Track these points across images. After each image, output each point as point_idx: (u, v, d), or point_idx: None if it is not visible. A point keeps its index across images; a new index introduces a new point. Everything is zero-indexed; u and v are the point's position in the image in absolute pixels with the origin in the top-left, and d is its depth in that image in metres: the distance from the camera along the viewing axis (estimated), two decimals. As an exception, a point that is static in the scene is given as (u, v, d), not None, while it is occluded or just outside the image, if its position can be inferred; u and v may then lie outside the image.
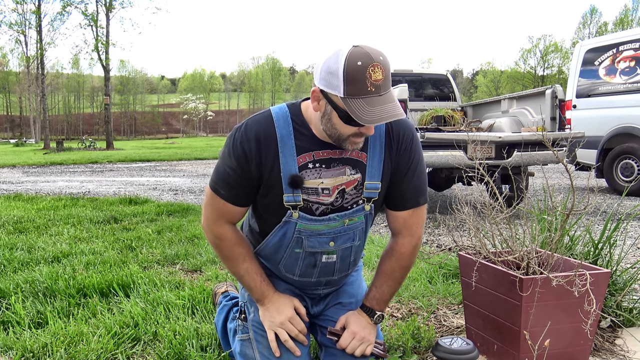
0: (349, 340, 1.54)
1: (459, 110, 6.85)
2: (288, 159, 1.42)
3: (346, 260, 1.59)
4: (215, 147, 31.52)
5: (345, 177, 1.47)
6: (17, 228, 4.29)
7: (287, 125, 1.44)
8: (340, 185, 1.47)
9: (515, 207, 1.92)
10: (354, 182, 1.48)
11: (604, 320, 2.00)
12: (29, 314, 2.22)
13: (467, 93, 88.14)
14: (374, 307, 1.59)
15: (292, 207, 1.46)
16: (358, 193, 1.49)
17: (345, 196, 1.48)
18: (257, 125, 1.44)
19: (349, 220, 1.51)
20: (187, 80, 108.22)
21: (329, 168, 1.45)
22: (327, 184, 1.46)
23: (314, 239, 1.51)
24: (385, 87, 1.27)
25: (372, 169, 1.48)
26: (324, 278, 1.60)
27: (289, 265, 1.57)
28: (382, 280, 1.59)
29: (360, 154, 1.47)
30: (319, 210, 1.48)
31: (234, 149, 1.43)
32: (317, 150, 1.44)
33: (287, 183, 1.43)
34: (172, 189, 8.11)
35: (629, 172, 6.87)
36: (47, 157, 18.02)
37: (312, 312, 1.68)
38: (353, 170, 1.47)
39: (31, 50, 42.60)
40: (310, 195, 1.46)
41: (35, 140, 54.18)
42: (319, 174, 1.45)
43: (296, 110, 1.47)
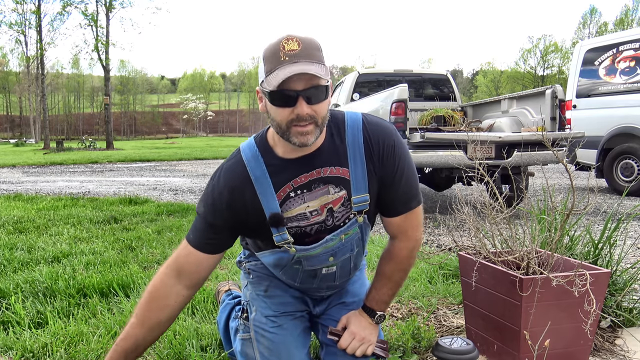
0: (349, 341, 1.54)
1: (459, 110, 6.85)
2: (268, 199, 1.40)
3: (346, 268, 1.60)
4: (215, 147, 31.53)
5: (330, 195, 1.43)
6: (17, 228, 4.29)
7: (259, 164, 1.40)
8: (327, 204, 1.44)
9: (515, 207, 1.92)
10: (340, 200, 1.44)
11: (604, 320, 2.00)
12: (29, 314, 2.22)
13: (467, 93, 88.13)
14: (374, 307, 1.58)
15: (285, 244, 1.45)
16: (347, 209, 1.46)
17: (335, 214, 1.45)
18: (231, 174, 1.41)
19: (345, 235, 1.49)
20: (187, 80, 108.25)
21: (311, 190, 1.42)
22: (313, 206, 1.43)
23: (313, 259, 1.51)
24: (302, 57, 1.24)
25: (357, 182, 1.43)
26: (325, 284, 1.61)
27: (290, 275, 1.57)
28: (382, 282, 1.58)
29: (341, 170, 1.42)
30: (313, 229, 1.46)
31: (210, 199, 1.42)
32: (294, 179, 1.40)
33: (270, 223, 1.41)
34: (172, 189, 8.11)
35: (629, 172, 6.87)
36: (47, 157, 18.01)
37: (315, 311, 1.68)
38: (337, 187, 1.43)
39: (31, 50, 42.59)
40: (301, 221, 1.44)
41: (35, 140, 54.17)
42: (303, 199, 1.42)
43: (263, 142, 1.43)
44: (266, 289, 1.63)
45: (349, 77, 7.90)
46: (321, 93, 1.29)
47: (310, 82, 1.26)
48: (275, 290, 1.63)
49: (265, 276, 1.66)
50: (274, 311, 1.59)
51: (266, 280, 1.65)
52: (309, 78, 1.25)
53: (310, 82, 1.26)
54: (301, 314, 1.64)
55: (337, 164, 1.42)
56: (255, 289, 1.66)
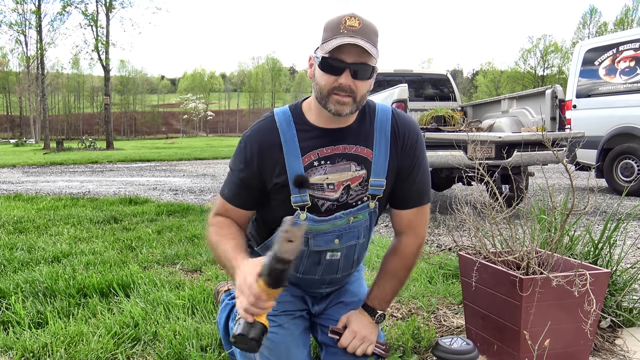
0: (350, 340, 1.54)
1: (459, 110, 6.84)
2: (293, 161, 1.45)
3: (350, 258, 1.60)
4: (215, 147, 31.53)
5: (350, 172, 1.49)
6: (17, 228, 4.29)
7: (290, 128, 1.47)
8: (346, 181, 1.49)
9: (515, 207, 1.92)
10: (359, 178, 1.50)
11: (604, 320, 2.00)
12: (29, 314, 2.22)
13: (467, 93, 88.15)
14: (375, 306, 1.59)
15: (300, 208, 1.47)
16: (363, 189, 1.51)
17: (350, 192, 1.50)
18: (261, 131, 1.48)
19: (354, 217, 1.52)
20: (187, 80, 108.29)
21: (334, 164, 1.47)
22: (332, 179, 1.48)
23: (319, 238, 1.52)
24: (359, 33, 1.32)
25: (378, 165, 1.49)
26: (327, 276, 1.61)
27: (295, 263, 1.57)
28: (385, 279, 1.59)
29: (365, 150, 1.49)
30: (324, 206, 1.49)
31: (240, 154, 1.49)
32: (321, 148, 1.46)
33: (292, 184, 1.45)
34: (172, 189, 8.11)
35: (629, 172, 6.87)
36: (47, 157, 18.01)
37: (314, 311, 1.68)
38: (358, 166, 1.49)
39: (31, 50, 42.60)
40: (316, 191, 1.48)
41: (35, 140, 54.16)
42: (325, 171, 1.47)
43: (297, 110, 1.51)
44: None
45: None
46: (366, 71, 1.37)
47: (359, 58, 1.34)
48: None
49: None
50: (273, 310, 1.59)
51: None
52: (359, 54, 1.33)
53: (360, 57, 1.34)
54: (301, 313, 1.63)
55: (363, 144, 1.49)
56: None
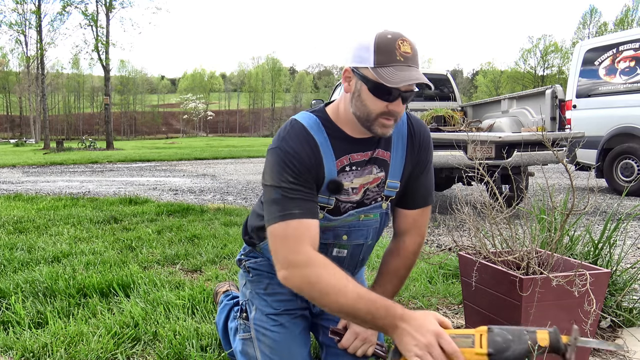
0: (352, 340, 1.53)
1: (459, 110, 6.84)
2: (330, 163, 1.43)
3: (355, 258, 1.60)
4: (215, 147, 31.53)
5: (372, 175, 1.50)
6: (17, 228, 4.29)
7: (321, 131, 1.44)
8: (367, 184, 1.50)
9: (515, 207, 1.92)
10: (377, 180, 1.51)
11: (604, 320, 2.00)
12: (29, 314, 2.22)
13: (467, 93, 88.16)
14: None
15: (320, 208, 1.47)
16: (379, 190, 1.53)
17: (367, 193, 1.52)
18: (297, 137, 1.40)
19: (364, 215, 1.53)
20: (187, 80, 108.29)
21: (360, 168, 1.48)
22: (356, 183, 1.49)
23: (329, 232, 1.53)
24: (413, 61, 1.31)
25: (394, 168, 1.52)
26: None
27: None
28: (386, 279, 1.59)
29: (385, 153, 1.50)
30: (345, 208, 1.51)
31: (284, 167, 1.36)
32: (352, 153, 1.46)
33: (326, 187, 1.44)
34: (172, 189, 8.11)
35: (629, 172, 6.87)
36: (47, 157, 18.01)
37: (315, 310, 1.68)
38: (379, 169, 1.51)
39: (31, 50, 42.64)
40: (342, 195, 1.49)
41: (35, 140, 54.17)
42: (353, 176, 1.48)
43: (323, 114, 1.47)
44: (266, 287, 1.63)
45: (349, 77, 7.89)
46: (413, 96, 1.39)
47: (411, 86, 1.35)
48: (275, 288, 1.62)
49: (265, 274, 1.65)
50: (274, 309, 1.59)
51: (266, 278, 1.65)
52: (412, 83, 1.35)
53: (411, 86, 1.34)
54: (302, 312, 1.63)
55: (383, 147, 1.50)
56: (255, 287, 1.66)
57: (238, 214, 5.00)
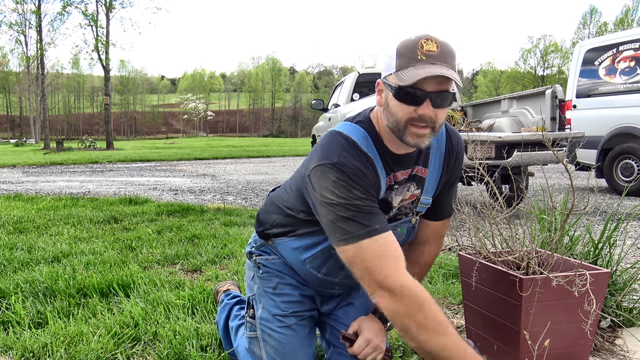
0: (363, 347, 1.50)
1: (459, 110, 6.84)
2: (383, 180, 1.38)
3: None
4: (215, 147, 31.52)
5: (409, 192, 1.48)
6: (17, 228, 4.29)
7: (371, 147, 1.36)
8: (404, 201, 1.48)
9: (515, 207, 1.92)
10: (413, 197, 1.49)
11: (604, 320, 2.00)
12: (29, 314, 2.22)
13: (467, 93, 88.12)
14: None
15: None
16: (412, 207, 1.51)
17: (401, 209, 1.50)
18: (354, 152, 1.31)
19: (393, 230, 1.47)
20: (187, 80, 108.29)
21: (400, 186, 1.46)
22: (396, 201, 1.47)
23: None
24: (438, 59, 1.21)
25: (429, 185, 1.50)
26: (346, 281, 1.56)
27: (317, 263, 1.53)
28: None
29: (423, 170, 1.47)
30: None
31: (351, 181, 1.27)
32: (396, 172, 1.42)
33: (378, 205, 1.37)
34: (172, 189, 8.11)
35: (629, 172, 6.87)
36: (47, 157, 18.01)
37: (323, 310, 1.67)
38: (416, 186, 1.48)
39: (31, 50, 42.60)
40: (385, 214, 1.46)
41: (35, 140, 54.14)
42: (395, 194, 1.45)
43: (370, 126, 1.38)
44: (275, 286, 1.60)
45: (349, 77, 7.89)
46: (447, 99, 1.27)
47: (440, 86, 1.24)
48: (284, 288, 1.59)
49: (275, 272, 1.61)
50: (282, 310, 1.57)
51: (276, 277, 1.61)
52: (440, 81, 1.24)
53: (441, 85, 1.24)
54: (310, 313, 1.62)
55: (422, 164, 1.47)
56: (264, 284, 1.62)
57: (238, 214, 5.00)
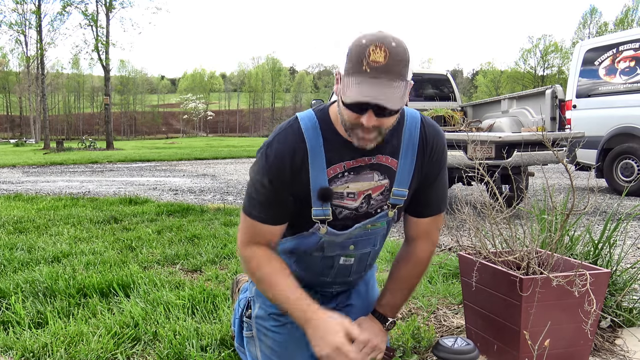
0: (361, 348, 1.49)
1: (459, 110, 6.84)
2: (318, 172, 1.38)
3: (363, 263, 1.59)
4: (215, 147, 31.51)
5: (373, 182, 1.44)
6: (17, 228, 4.29)
7: (317, 136, 1.38)
8: (367, 191, 1.44)
9: (515, 207, 1.92)
10: (380, 188, 1.45)
11: (604, 320, 2.00)
12: (29, 314, 2.22)
13: (467, 93, 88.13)
14: (386, 313, 1.57)
15: (320, 221, 1.44)
16: (384, 199, 1.47)
17: (371, 202, 1.46)
18: (286, 140, 1.37)
19: (372, 225, 1.49)
20: (187, 80, 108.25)
21: (358, 174, 1.43)
22: (353, 188, 1.43)
23: (335, 245, 1.50)
24: (383, 71, 1.18)
25: (402, 176, 1.45)
26: (339, 279, 1.59)
27: (306, 264, 1.56)
28: (397, 286, 1.57)
29: (390, 160, 1.44)
30: (342, 214, 1.45)
31: (264, 166, 1.38)
32: (348, 161, 1.40)
33: (316, 197, 1.40)
34: (172, 189, 8.11)
35: (629, 172, 6.87)
36: (47, 157, 18.01)
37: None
38: (381, 175, 1.44)
39: (31, 50, 42.62)
40: (335, 199, 1.43)
41: (35, 140, 54.13)
42: (347, 181, 1.42)
43: (324, 116, 1.41)
44: None
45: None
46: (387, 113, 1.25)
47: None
48: None
49: None
50: (277, 309, 1.57)
51: None
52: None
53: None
54: None
55: (389, 154, 1.43)
56: None
57: (238, 214, 4.99)
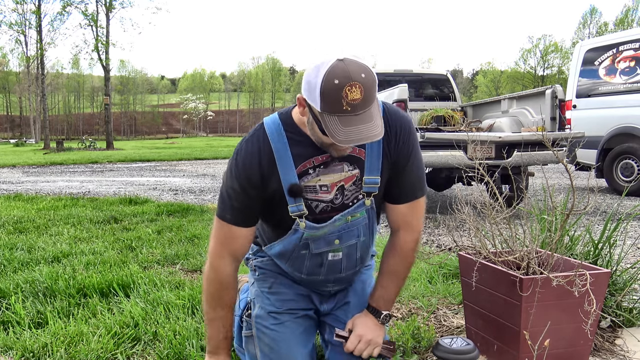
0: (355, 344, 1.53)
1: (459, 110, 6.84)
2: (287, 171, 1.43)
3: (352, 257, 1.60)
4: (215, 147, 31.51)
5: (343, 173, 1.48)
6: (17, 228, 4.29)
7: (281, 137, 1.44)
8: (339, 182, 1.48)
9: (515, 207, 1.92)
10: (352, 178, 1.49)
11: (604, 320, 2.00)
12: (29, 314, 2.22)
13: (467, 93, 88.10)
14: (380, 307, 1.58)
15: (298, 217, 1.48)
16: (357, 188, 1.51)
17: (345, 192, 1.50)
18: (253, 145, 1.45)
19: (352, 216, 1.52)
20: (187, 80, 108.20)
21: (327, 167, 1.47)
22: (325, 181, 1.47)
23: (320, 241, 1.53)
24: (362, 106, 1.24)
25: (371, 164, 1.48)
26: (331, 276, 1.61)
27: (296, 265, 1.59)
28: (387, 278, 1.59)
29: (358, 150, 1.48)
30: (319, 207, 1.49)
31: (235, 173, 1.45)
32: (316, 156, 1.45)
33: (288, 193, 1.44)
34: (172, 189, 8.11)
35: (629, 172, 6.87)
36: (47, 157, 18.01)
37: (322, 309, 1.68)
38: (351, 166, 1.48)
39: (31, 50, 42.62)
40: (309, 193, 1.47)
41: (35, 140, 54.14)
42: (318, 174, 1.47)
43: (288, 118, 1.47)
44: (271, 286, 1.65)
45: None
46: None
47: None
48: (279, 287, 1.64)
49: (271, 273, 1.67)
50: (277, 308, 1.60)
51: (272, 277, 1.66)
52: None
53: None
54: (304, 312, 1.64)
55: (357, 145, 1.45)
56: (260, 285, 1.67)
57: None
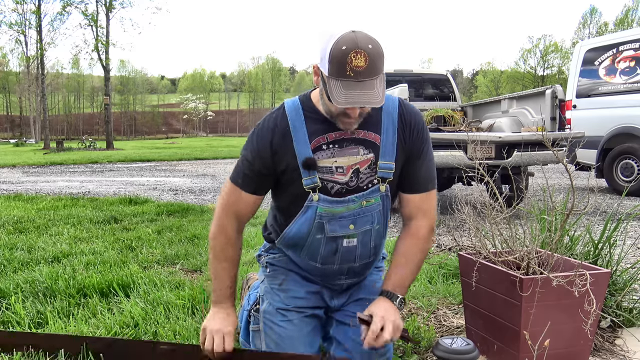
0: (380, 325, 1.43)
1: (459, 110, 6.85)
2: (301, 145, 1.51)
3: (367, 245, 1.60)
4: (215, 147, 31.51)
5: (359, 156, 1.53)
6: (17, 228, 4.29)
7: (299, 114, 1.53)
8: (354, 165, 1.53)
9: (515, 207, 1.92)
10: (367, 162, 1.54)
11: (604, 320, 2.00)
12: (29, 314, 2.22)
13: (467, 93, 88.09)
14: (395, 290, 1.54)
15: (312, 190, 1.52)
16: (372, 172, 1.55)
17: (360, 176, 1.54)
18: (272, 120, 1.55)
19: (366, 201, 1.56)
20: (187, 80, 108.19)
21: (342, 148, 1.52)
22: (341, 162, 1.52)
23: (335, 223, 1.54)
24: (365, 75, 1.32)
25: (386, 149, 1.54)
26: (345, 265, 1.61)
27: (312, 252, 1.60)
28: (401, 263, 1.57)
29: (373, 135, 1.54)
30: (334, 189, 1.53)
31: (250, 145, 1.56)
32: (329, 132, 1.52)
33: (302, 165, 1.50)
34: (172, 189, 8.11)
35: (629, 172, 6.87)
36: (47, 157, 18.01)
37: (332, 304, 1.67)
38: (366, 150, 1.54)
39: (31, 50, 42.64)
40: (325, 174, 1.52)
41: (35, 140, 54.14)
42: (333, 154, 1.52)
43: (306, 99, 1.57)
44: (281, 283, 1.66)
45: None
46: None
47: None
48: (290, 284, 1.65)
49: (282, 270, 1.68)
50: (285, 305, 1.61)
51: (282, 274, 1.68)
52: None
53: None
54: (312, 311, 1.63)
55: (371, 129, 1.54)
56: (271, 282, 1.68)
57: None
